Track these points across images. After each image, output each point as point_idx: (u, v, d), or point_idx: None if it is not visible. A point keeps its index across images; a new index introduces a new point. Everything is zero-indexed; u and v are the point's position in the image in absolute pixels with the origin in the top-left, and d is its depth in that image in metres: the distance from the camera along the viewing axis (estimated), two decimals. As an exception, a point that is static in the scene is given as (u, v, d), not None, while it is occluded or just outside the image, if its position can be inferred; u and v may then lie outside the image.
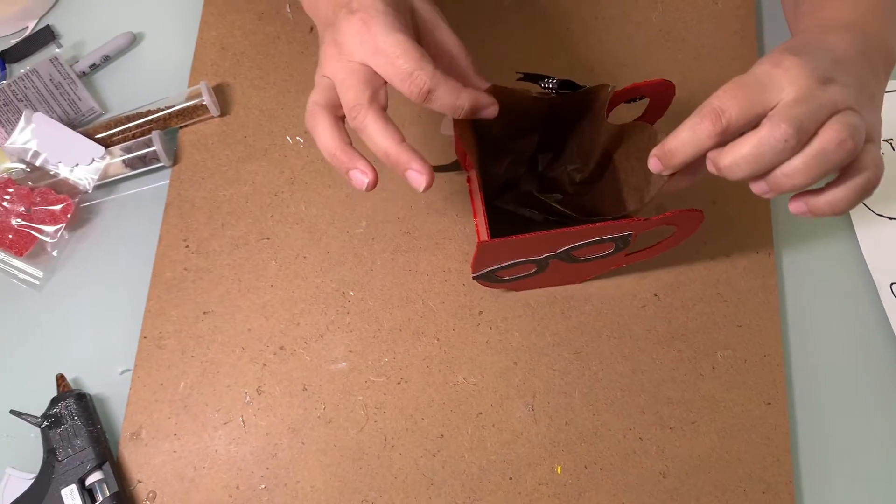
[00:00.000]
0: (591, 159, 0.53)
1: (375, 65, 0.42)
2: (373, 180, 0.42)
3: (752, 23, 0.68)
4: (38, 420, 0.56)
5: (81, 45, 0.69)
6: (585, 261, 0.53)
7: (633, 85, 0.50)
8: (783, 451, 0.57)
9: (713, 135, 0.40)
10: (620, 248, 0.51)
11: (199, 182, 0.64)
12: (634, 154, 0.49)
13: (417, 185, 0.42)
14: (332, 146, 0.43)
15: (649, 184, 0.47)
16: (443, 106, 0.43)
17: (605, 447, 0.57)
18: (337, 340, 0.60)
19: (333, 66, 0.44)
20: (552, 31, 0.69)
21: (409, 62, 0.41)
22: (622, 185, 0.51)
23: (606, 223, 0.47)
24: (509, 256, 0.51)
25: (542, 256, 0.51)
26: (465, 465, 0.57)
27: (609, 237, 0.49)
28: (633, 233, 0.49)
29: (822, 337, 0.60)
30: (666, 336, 0.60)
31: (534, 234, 0.47)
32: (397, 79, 0.42)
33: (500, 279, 0.55)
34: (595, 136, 0.52)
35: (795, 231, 0.63)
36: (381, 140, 0.42)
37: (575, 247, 0.50)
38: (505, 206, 0.59)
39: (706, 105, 0.40)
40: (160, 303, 0.61)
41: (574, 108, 0.52)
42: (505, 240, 0.47)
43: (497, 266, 0.52)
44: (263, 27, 0.69)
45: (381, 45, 0.42)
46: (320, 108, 0.44)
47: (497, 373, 0.59)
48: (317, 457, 0.57)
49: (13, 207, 0.61)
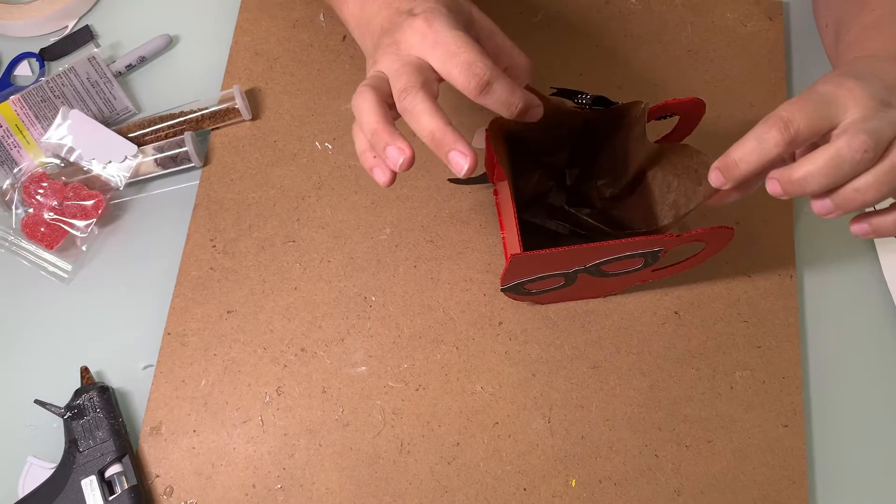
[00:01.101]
0: (623, 175, 0.54)
1: (434, 58, 0.43)
2: (409, 158, 0.41)
3: (780, 47, 0.69)
4: (62, 411, 0.57)
5: (118, 46, 0.71)
6: (613, 275, 0.53)
7: (664, 102, 0.51)
8: (799, 474, 0.57)
9: (780, 144, 0.40)
10: (649, 263, 0.52)
11: (228, 184, 0.65)
12: (672, 171, 0.50)
13: (459, 168, 0.41)
14: (374, 121, 0.42)
15: (689, 200, 0.48)
16: (498, 100, 0.43)
17: (621, 462, 0.57)
18: (357, 345, 0.60)
19: (389, 60, 0.44)
20: (581, 47, 0.69)
21: (469, 53, 0.42)
22: (656, 201, 0.52)
23: (640, 238, 0.48)
24: (540, 269, 0.52)
25: (572, 270, 0.52)
26: (480, 474, 0.57)
27: (640, 252, 0.49)
28: (665, 248, 0.49)
29: (841, 361, 0.60)
30: (685, 354, 0.60)
31: (567, 248, 0.48)
32: (456, 69, 0.42)
33: (528, 292, 0.56)
34: (630, 153, 0.52)
35: (818, 254, 0.63)
36: (428, 120, 0.41)
37: (605, 261, 0.50)
38: (532, 220, 0.59)
39: (772, 115, 0.40)
40: (185, 300, 0.62)
41: (606, 124, 0.52)
42: (538, 253, 0.48)
43: (526, 279, 0.53)
44: (297, 34, 0.70)
45: (441, 38, 0.42)
46: (368, 88, 0.43)
47: (515, 383, 0.59)
48: (333, 459, 0.57)
49: (46, 201, 0.62)
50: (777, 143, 0.40)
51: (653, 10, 0.71)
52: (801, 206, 0.64)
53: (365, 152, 0.44)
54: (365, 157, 0.44)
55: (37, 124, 0.65)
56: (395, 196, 0.65)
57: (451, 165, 0.41)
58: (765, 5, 0.70)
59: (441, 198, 0.64)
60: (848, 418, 0.58)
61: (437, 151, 0.42)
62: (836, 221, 0.64)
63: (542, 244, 0.49)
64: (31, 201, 0.62)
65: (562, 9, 0.71)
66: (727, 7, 0.70)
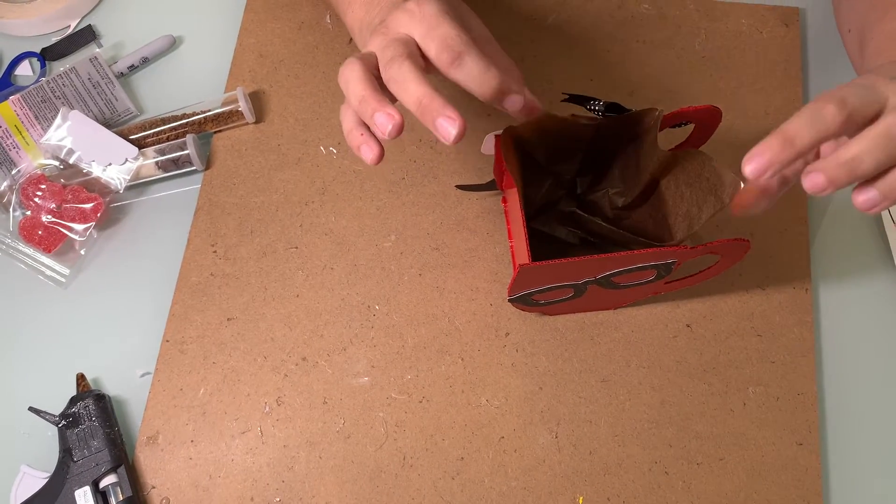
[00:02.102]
0: (635, 184, 0.52)
1: (417, 33, 0.42)
2: (398, 124, 0.40)
3: (797, 54, 0.67)
4: (56, 419, 0.56)
5: (121, 46, 0.70)
6: (624, 287, 0.52)
7: (680, 110, 0.49)
8: (814, 494, 0.55)
9: (838, 119, 0.37)
10: (662, 275, 0.50)
11: (230, 188, 0.64)
12: (685, 180, 0.48)
13: (447, 135, 0.39)
14: (361, 89, 0.41)
15: (701, 211, 0.46)
16: (470, 74, 0.42)
17: (630, 479, 0.55)
18: (360, 355, 0.59)
19: (378, 39, 0.44)
20: (593, 52, 0.68)
21: (447, 28, 0.42)
22: (669, 211, 0.50)
23: (652, 250, 0.46)
24: (549, 280, 0.50)
25: (582, 281, 0.50)
26: (485, 489, 0.55)
27: (652, 264, 0.48)
28: (678, 261, 0.48)
29: (858, 378, 0.58)
30: (697, 368, 0.58)
31: (577, 259, 0.46)
32: (432, 42, 0.42)
33: (536, 302, 0.54)
34: (642, 161, 0.51)
35: (834, 267, 0.61)
36: (415, 87, 0.40)
37: (616, 273, 0.49)
38: (542, 229, 0.58)
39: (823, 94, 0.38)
40: (184, 307, 0.60)
41: (618, 132, 0.51)
42: (547, 263, 0.46)
43: (534, 289, 0.51)
44: (303, 36, 0.69)
45: (426, 14, 0.42)
46: (355, 59, 0.42)
47: (521, 397, 0.57)
48: (334, 472, 0.56)
49: (44, 204, 0.61)
50: (835, 117, 0.37)
51: (666, 16, 0.69)
52: (816, 219, 0.62)
53: (352, 131, 0.42)
54: (352, 137, 0.42)
55: (36, 125, 0.64)
56: (401, 203, 0.63)
57: (438, 132, 0.40)
58: (781, 12, 0.69)
59: (448, 205, 0.63)
60: (865, 436, 0.57)
61: (424, 119, 0.40)
62: (852, 233, 0.62)
63: (552, 254, 0.47)
64: (29, 203, 0.61)
65: (573, 13, 0.69)
66: (742, 13, 0.69)
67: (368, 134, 0.42)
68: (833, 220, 0.63)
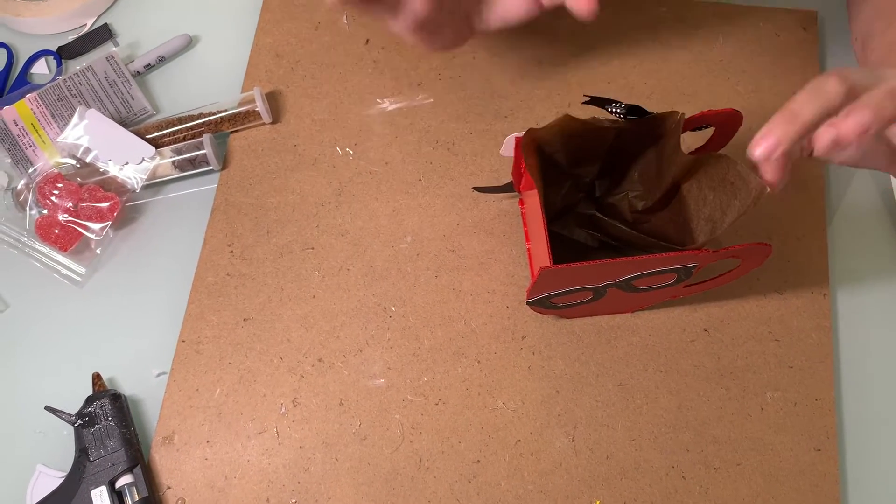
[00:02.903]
0: (656, 188, 0.52)
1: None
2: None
3: (814, 58, 0.67)
4: (73, 418, 0.56)
5: (137, 45, 0.70)
6: (644, 290, 0.52)
7: (701, 113, 0.49)
8: (832, 501, 0.55)
9: (840, 92, 0.38)
10: (682, 278, 0.50)
11: (246, 188, 0.64)
12: (708, 184, 0.48)
13: (586, 6, 0.42)
14: None
15: (725, 214, 0.46)
16: None
17: (647, 484, 0.55)
18: (376, 356, 0.59)
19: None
20: (610, 54, 0.68)
21: None
22: (691, 215, 0.50)
23: (674, 254, 0.46)
24: (569, 283, 0.50)
25: (602, 284, 0.50)
26: (501, 493, 0.55)
27: (672, 268, 0.48)
28: (698, 265, 0.47)
29: (876, 383, 0.58)
30: (714, 373, 0.58)
31: (598, 262, 0.46)
32: None
33: (554, 305, 0.54)
34: (664, 165, 0.51)
35: (853, 272, 0.61)
36: None
37: (636, 276, 0.49)
38: (560, 231, 0.57)
39: (824, 73, 0.39)
40: (201, 307, 0.60)
41: (638, 134, 0.51)
42: (568, 266, 0.46)
43: (554, 292, 0.51)
44: (320, 37, 0.69)
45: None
46: None
47: (538, 400, 0.57)
48: (350, 474, 0.56)
49: (61, 203, 0.61)
50: (836, 90, 0.38)
51: (684, 19, 0.69)
52: (835, 224, 0.62)
53: None
54: None
55: (53, 123, 0.64)
56: (417, 204, 0.63)
57: (576, 5, 0.43)
58: (799, 15, 0.69)
59: (464, 206, 0.63)
60: (884, 443, 0.56)
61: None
62: (871, 239, 0.62)
63: (571, 256, 0.47)
64: (46, 202, 0.61)
65: (590, 15, 0.69)
66: (760, 16, 0.69)
67: None
68: (852, 226, 0.62)
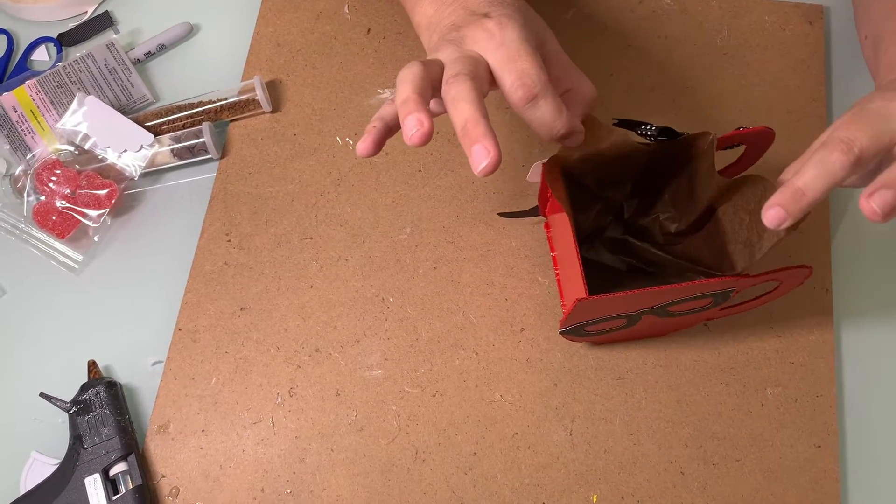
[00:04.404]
0: (690, 210, 0.51)
1: (493, 58, 0.42)
2: (425, 132, 0.39)
3: (820, 52, 0.66)
4: (67, 405, 0.55)
5: (138, 33, 0.69)
6: (679, 315, 0.51)
7: (733, 132, 0.48)
8: (832, 498, 0.54)
9: (846, 166, 0.38)
10: (718, 302, 0.48)
11: (245, 177, 0.63)
12: (744, 207, 0.47)
13: (478, 163, 0.38)
14: (409, 91, 0.40)
15: (762, 238, 0.45)
16: (541, 118, 0.42)
17: (645, 479, 0.55)
18: (373, 347, 0.58)
19: (450, 50, 0.43)
20: (612, 47, 0.67)
21: (528, 63, 0.41)
22: (727, 239, 0.49)
23: (714, 280, 0.45)
24: (603, 312, 0.48)
25: (637, 311, 0.49)
26: (498, 486, 0.55)
27: (710, 293, 0.47)
28: (737, 289, 0.47)
29: (879, 380, 0.57)
30: (714, 368, 0.57)
31: (636, 291, 0.44)
32: (509, 74, 0.41)
33: (588, 333, 0.53)
34: (698, 187, 0.49)
35: (854, 269, 0.60)
36: (466, 108, 0.39)
37: (672, 302, 0.48)
38: (586, 255, 0.56)
39: (829, 138, 0.39)
40: (198, 296, 0.60)
41: (670, 155, 0.49)
42: (605, 297, 0.44)
43: (587, 321, 0.50)
44: (321, 26, 0.68)
45: (507, 41, 0.42)
46: (419, 64, 0.42)
47: (536, 393, 0.57)
48: (345, 465, 0.55)
49: (59, 189, 0.60)
50: (843, 165, 0.38)
51: (688, 12, 0.68)
52: (837, 218, 0.62)
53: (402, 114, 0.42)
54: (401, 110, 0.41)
55: (52, 110, 0.63)
56: (417, 195, 0.63)
57: (471, 159, 0.39)
58: (805, 9, 0.68)
59: (464, 198, 0.62)
60: (884, 440, 0.56)
61: (464, 142, 0.39)
62: (873, 235, 0.61)
63: (601, 281, 0.46)
64: (44, 189, 0.61)
65: (594, 7, 0.69)
66: (765, 10, 0.68)
67: (402, 124, 0.41)
68: (854, 222, 0.62)
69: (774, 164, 0.55)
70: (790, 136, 0.58)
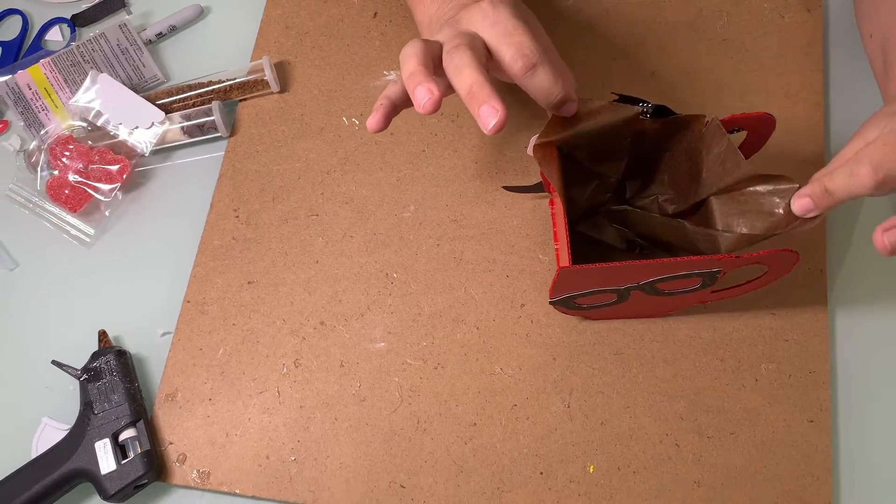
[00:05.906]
0: (692, 193, 0.52)
1: (489, 35, 0.45)
2: (436, 99, 0.42)
3: (818, 39, 0.67)
4: (78, 372, 0.57)
5: (150, 14, 0.71)
6: (669, 294, 0.52)
7: (730, 117, 0.49)
8: (824, 471, 0.55)
9: (869, 186, 0.41)
10: (707, 284, 0.50)
11: (253, 155, 0.65)
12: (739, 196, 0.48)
13: (487, 122, 0.41)
14: (414, 65, 0.43)
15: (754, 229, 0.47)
16: (540, 86, 0.45)
17: (640, 450, 0.56)
18: (377, 321, 0.60)
19: (447, 30, 0.46)
20: (613, 32, 0.68)
21: (524, 36, 0.44)
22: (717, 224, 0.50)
23: (696, 258, 0.46)
24: (590, 284, 0.50)
25: (624, 287, 0.50)
26: (497, 455, 0.56)
27: (696, 272, 0.48)
28: (723, 270, 0.48)
29: (871, 357, 0.58)
30: (710, 344, 0.58)
31: (616, 264, 0.46)
32: (507, 47, 0.44)
33: (578, 306, 0.54)
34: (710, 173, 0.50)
35: (848, 248, 0.61)
36: (469, 73, 0.42)
37: (659, 279, 0.49)
38: (588, 232, 0.58)
39: (863, 154, 0.41)
40: (206, 269, 0.61)
41: (663, 135, 0.51)
42: (586, 267, 0.46)
43: (576, 293, 0.51)
44: (328, 9, 0.70)
45: (502, 19, 0.45)
46: (418, 41, 0.44)
47: (535, 366, 0.58)
48: (348, 434, 0.57)
49: (72, 164, 0.62)
50: (866, 185, 0.41)
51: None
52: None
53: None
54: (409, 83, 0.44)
55: (65, 88, 0.65)
56: (421, 174, 0.64)
57: (480, 119, 0.41)
58: (803, -3, 0.69)
59: (467, 177, 0.64)
60: (876, 416, 0.57)
61: (471, 105, 0.42)
62: (868, 215, 0.62)
63: (596, 258, 0.47)
64: (57, 163, 0.62)
65: (596, -7, 0.70)
66: (765, -3, 0.69)
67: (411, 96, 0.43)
68: (849, 205, 0.62)
69: (773, 151, 0.56)
70: (788, 122, 0.60)
